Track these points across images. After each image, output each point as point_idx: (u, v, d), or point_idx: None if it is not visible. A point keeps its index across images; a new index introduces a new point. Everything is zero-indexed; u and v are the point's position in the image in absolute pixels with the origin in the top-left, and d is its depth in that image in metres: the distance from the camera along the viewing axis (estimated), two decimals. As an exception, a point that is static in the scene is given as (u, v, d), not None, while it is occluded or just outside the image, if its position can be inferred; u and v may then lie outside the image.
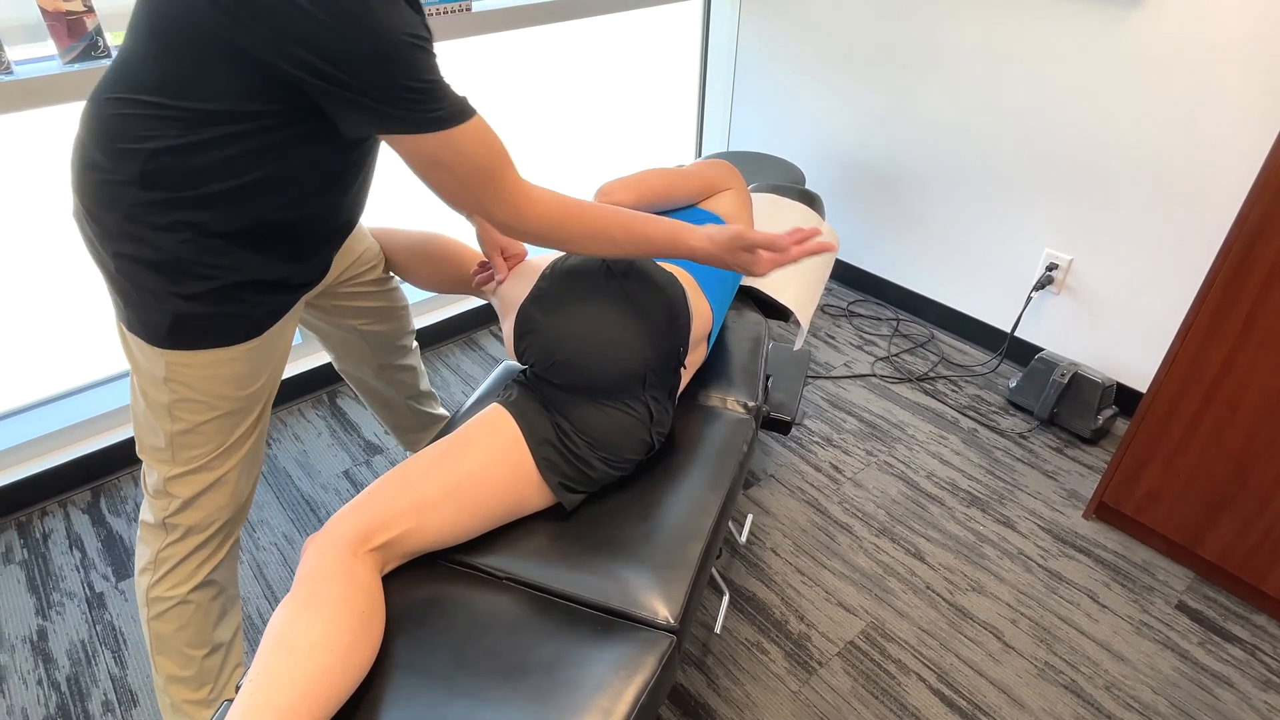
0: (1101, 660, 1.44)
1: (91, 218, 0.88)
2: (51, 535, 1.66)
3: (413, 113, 0.79)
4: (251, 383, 1.00)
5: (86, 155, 0.86)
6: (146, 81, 0.80)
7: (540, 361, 1.06)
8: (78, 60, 1.43)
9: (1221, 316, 1.39)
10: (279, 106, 0.81)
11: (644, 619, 0.94)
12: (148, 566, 1.08)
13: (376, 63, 0.75)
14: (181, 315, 0.90)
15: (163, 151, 0.82)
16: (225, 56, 0.76)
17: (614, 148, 2.76)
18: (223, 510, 1.07)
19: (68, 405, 1.80)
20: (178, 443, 0.99)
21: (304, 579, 0.86)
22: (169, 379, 0.94)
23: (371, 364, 1.47)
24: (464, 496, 0.97)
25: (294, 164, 0.87)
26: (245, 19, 0.73)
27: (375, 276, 1.36)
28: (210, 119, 0.80)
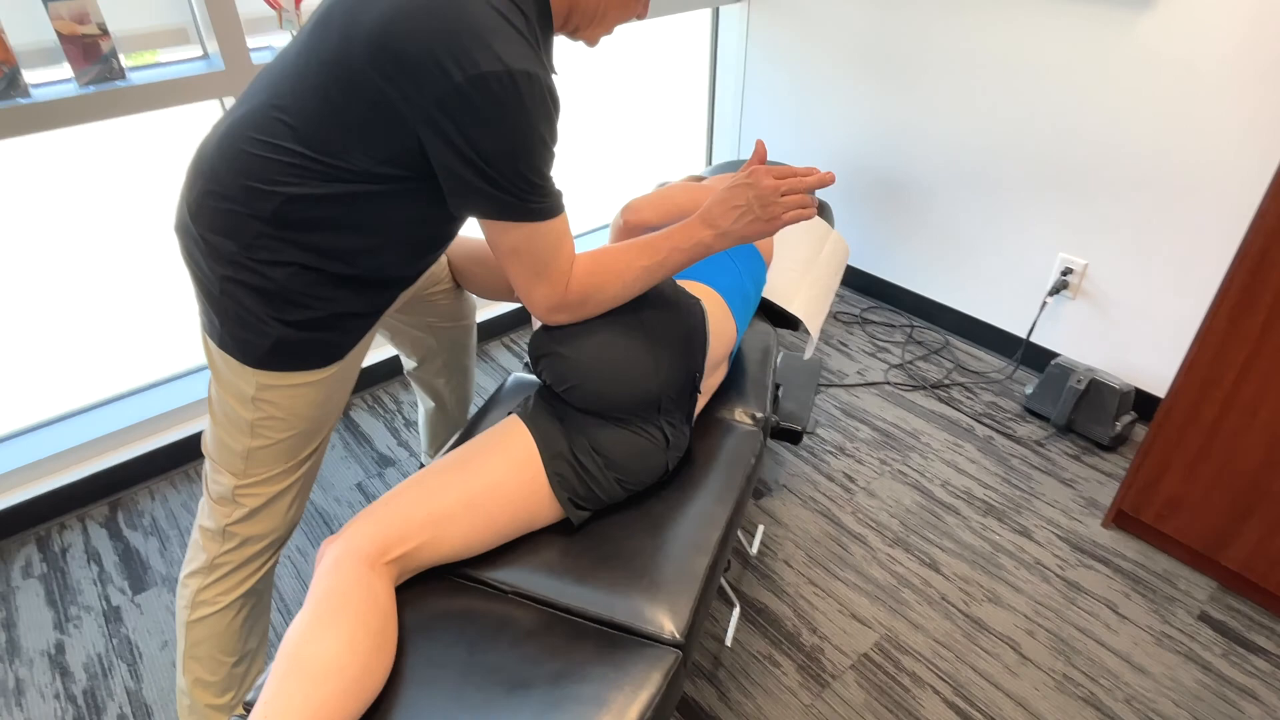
0: (1122, 672, 1.41)
1: (204, 240, 0.91)
2: (70, 549, 1.68)
3: (520, 202, 0.85)
4: (329, 402, 1.04)
5: (213, 183, 0.89)
6: (294, 135, 0.85)
7: (556, 384, 1.06)
8: (93, 83, 1.46)
9: (1239, 321, 1.36)
10: (413, 173, 0.86)
11: (650, 634, 0.93)
12: (200, 569, 1.10)
13: (511, 155, 0.81)
14: (281, 340, 0.94)
15: (298, 198, 0.87)
16: (378, 121, 0.82)
17: (625, 157, 2.77)
18: (282, 522, 1.10)
19: (86, 420, 1.83)
20: (254, 457, 1.02)
21: (321, 595, 0.86)
22: (257, 398, 0.98)
23: (439, 360, 1.53)
24: (480, 509, 0.98)
25: (409, 224, 0.93)
26: (404, 86, 0.79)
27: (446, 287, 1.42)
28: (349, 176, 0.86)
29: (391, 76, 0.79)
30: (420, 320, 1.43)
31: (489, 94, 0.78)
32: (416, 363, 1.54)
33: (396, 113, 0.81)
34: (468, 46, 0.77)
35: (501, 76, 0.78)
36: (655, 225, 1.28)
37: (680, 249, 0.98)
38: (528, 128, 0.81)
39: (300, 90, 0.84)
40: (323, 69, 0.83)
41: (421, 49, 0.77)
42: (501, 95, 0.78)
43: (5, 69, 1.36)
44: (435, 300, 1.41)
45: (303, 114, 0.84)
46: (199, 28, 1.60)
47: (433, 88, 0.78)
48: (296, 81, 0.85)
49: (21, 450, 1.74)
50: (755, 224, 0.97)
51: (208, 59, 1.62)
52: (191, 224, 0.92)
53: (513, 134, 0.80)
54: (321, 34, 0.84)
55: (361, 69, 0.80)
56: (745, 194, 0.96)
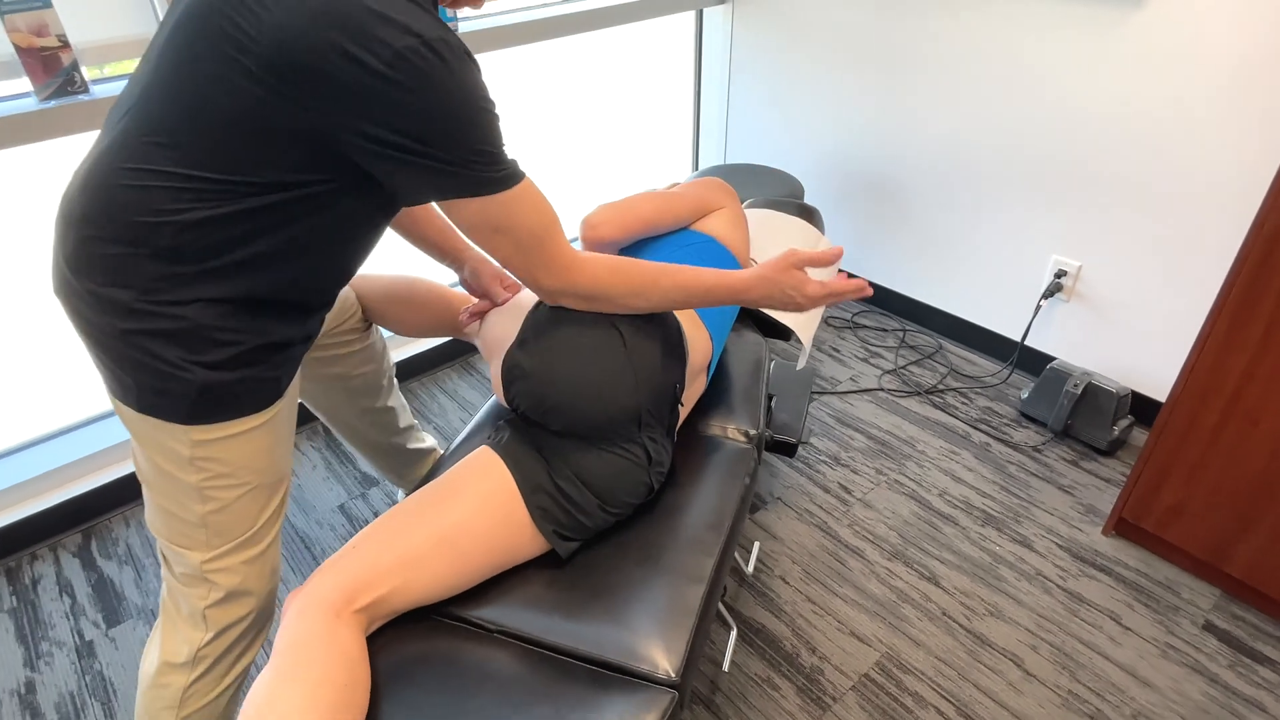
0: (1128, 687, 1.38)
1: (92, 295, 0.80)
2: (41, 581, 1.62)
3: (478, 175, 0.79)
4: (278, 447, 0.95)
5: (90, 229, 0.79)
6: (179, 158, 0.75)
7: (532, 409, 1.01)
8: (54, 97, 1.40)
9: (1240, 326, 1.33)
10: (328, 176, 0.79)
11: (643, 673, 0.89)
12: (185, 664, 0.97)
13: (456, 129, 0.75)
14: (207, 386, 0.83)
15: (195, 224, 0.77)
16: (285, 134, 0.74)
17: (610, 162, 2.73)
18: (266, 587, 1.00)
19: (56, 445, 1.76)
20: (212, 524, 0.91)
21: (284, 648, 0.81)
22: (195, 458, 0.87)
23: (353, 409, 1.44)
24: (453, 548, 0.93)
25: (329, 228, 0.84)
26: (318, 102, 0.72)
27: (354, 326, 1.33)
28: (253, 190, 0.77)
29: (306, 91, 0.71)
30: (324, 373, 1.33)
31: (412, 71, 0.70)
32: (328, 416, 1.45)
33: (311, 126, 0.73)
34: (369, 28, 0.69)
35: (418, 48, 0.70)
36: (619, 241, 1.23)
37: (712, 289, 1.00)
38: (461, 95, 0.74)
39: (178, 111, 0.74)
40: (203, 86, 0.73)
41: (323, 52, 0.69)
42: (425, 69, 0.71)
43: (-40, 85, 1.30)
44: (340, 345, 1.31)
45: (187, 135, 0.74)
46: (165, 38, 1.54)
47: (351, 89, 0.70)
48: (171, 102, 0.75)
49: (-11, 478, 1.68)
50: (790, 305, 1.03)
51: (175, 71, 1.56)
52: (74, 279, 0.81)
53: (448, 106, 0.73)
54: (191, 44, 0.74)
55: (265, 88, 0.71)
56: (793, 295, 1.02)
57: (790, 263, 1.01)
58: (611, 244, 1.25)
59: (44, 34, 1.35)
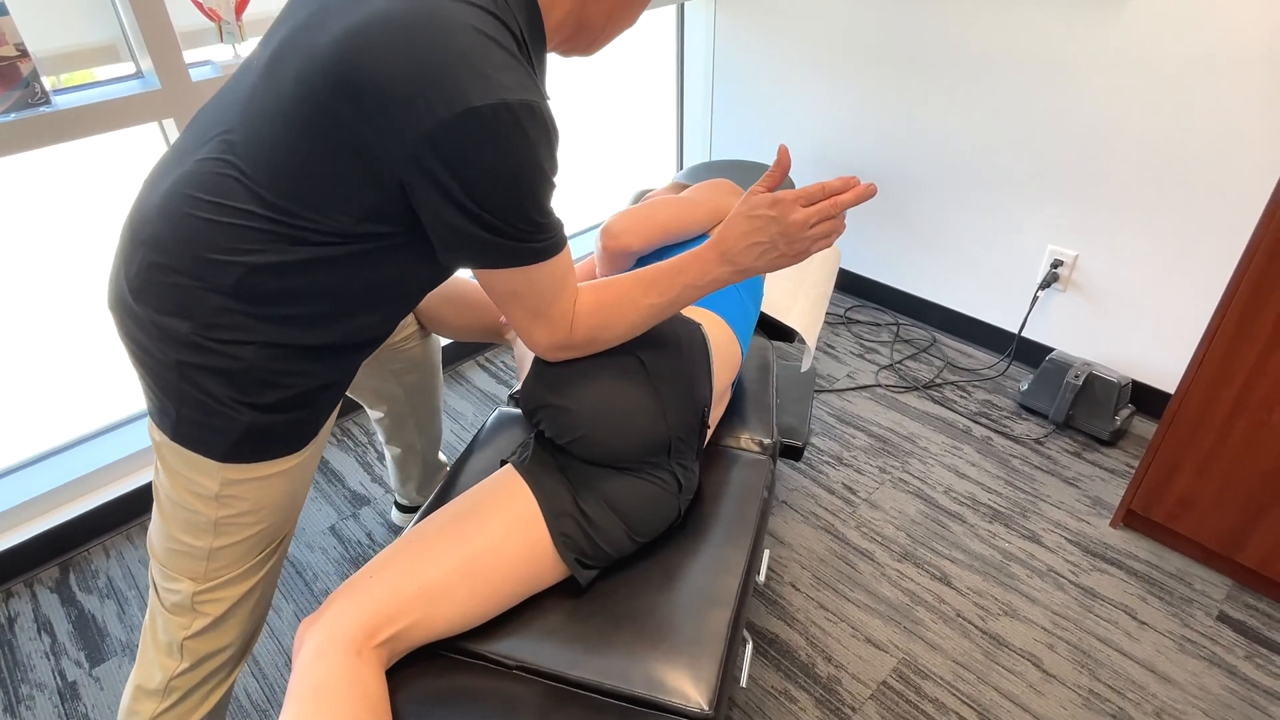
0: (1148, 684, 1.36)
1: (151, 322, 0.78)
2: (18, 619, 1.54)
3: (521, 245, 0.75)
4: (299, 489, 0.92)
5: (160, 255, 0.76)
6: (253, 196, 0.73)
7: (558, 436, 0.95)
8: (14, 109, 1.32)
9: (1251, 317, 1.31)
10: (394, 228, 0.75)
11: (674, 707, 0.84)
12: (156, 692, 0.94)
13: (508, 193, 0.71)
14: (253, 427, 0.81)
15: (263, 267, 0.74)
16: (353, 170, 0.70)
17: (595, 162, 2.67)
18: (243, 632, 0.96)
19: (28, 475, 1.67)
20: (215, 556, 0.88)
21: (304, 693, 0.76)
22: (221, 495, 0.84)
23: (406, 406, 1.43)
24: (478, 577, 0.87)
25: (389, 284, 0.81)
26: (382, 124, 0.67)
27: (410, 333, 1.31)
28: (322, 239, 0.73)
29: (365, 115, 0.67)
30: (383, 370, 1.32)
31: (482, 129, 0.67)
32: (382, 413, 1.43)
33: (374, 156, 0.69)
34: (454, 77, 0.65)
35: (497, 109, 0.66)
36: (639, 250, 1.18)
37: (694, 285, 0.88)
38: (528, 163, 0.70)
39: (256, 141, 0.72)
40: (281, 116, 0.71)
41: (399, 84, 0.65)
42: (497, 129, 0.67)
43: (-90, 99, 1.22)
44: (400, 348, 1.31)
45: (262, 169, 0.72)
46: (130, 43, 1.46)
47: (416, 124, 0.66)
48: (250, 131, 0.73)
49: (-43, 513, 1.59)
50: (780, 259, 0.85)
51: (142, 78, 1.48)
52: (134, 302, 0.78)
53: (511, 172, 0.69)
54: (275, 73, 0.72)
55: (327, 110, 0.68)
56: (769, 229, 0.83)
57: (759, 204, 0.83)
58: (633, 253, 1.20)
59: (1, 43, 1.27)
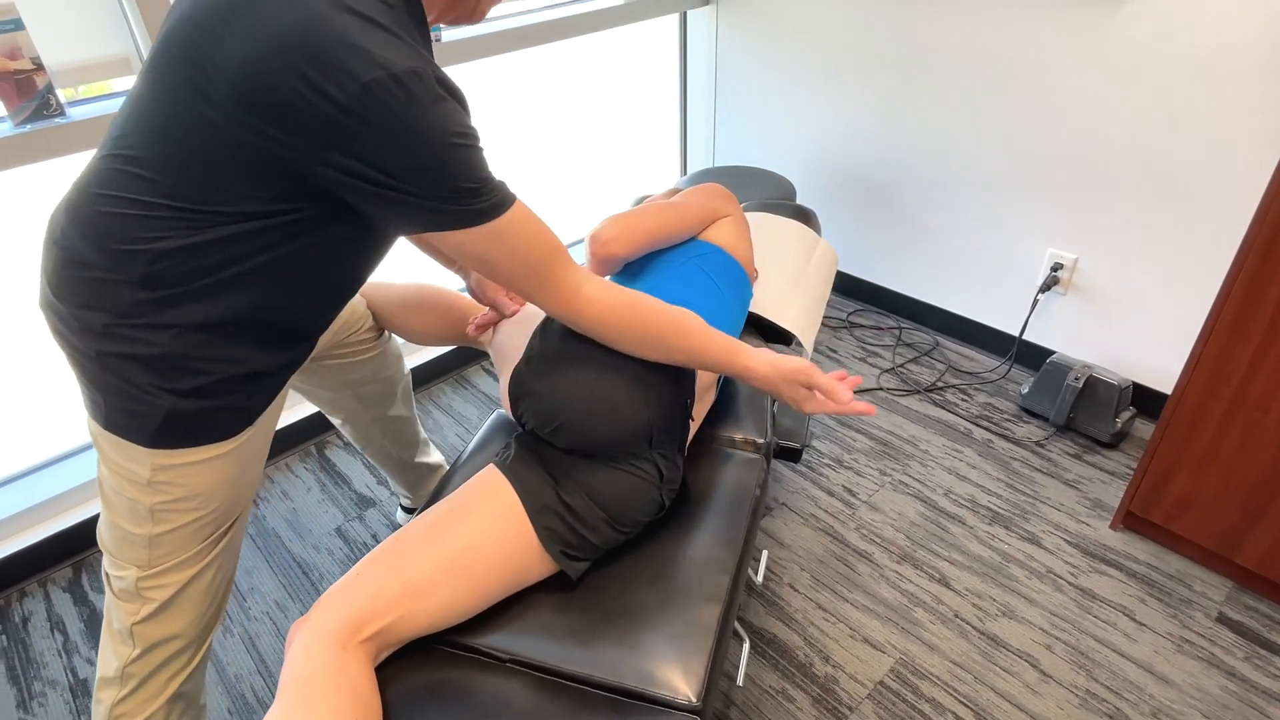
0: (1145, 684, 1.36)
1: (71, 315, 0.81)
2: (32, 618, 1.57)
3: (458, 209, 0.76)
4: (241, 476, 0.93)
5: (71, 252, 0.79)
6: (154, 187, 0.74)
7: (540, 427, 0.98)
8: (30, 120, 1.36)
9: (1246, 316, 1.32)
10: (305, 205, 0.76)
11: (663, 699, 0.86)
12: (113, 679, 0.96)
13: (426, 168, 0.72)
14: (174, 412, 0.82)
15: (171, 251, 0.76)
16: (254, 165, 0.72)
17: (598, 167, 2.70)
18: (198, 614, 0.97)
19: (42, 478, 1.71)
20: (157, 543, 0.90)
21: (290, 684, 0.78)
22: (154, 481, 0.86)
23: (365, 417, 1.42)
24: (461, 574, 0.90)
25: (311, 254, 0.82)
26: (282, 134, 0.69)
27: (366, 335, 1.31)
28: (229, 219, 0.75)
29: (269, 122, 0.69)
30: (337, 382, 1.31)
31: (378, 105, 0.68)
32: (339, 420, 1.43)
33: (282, 158, 0.71)
34: (338, 59, 0.67)
35: (385, 82, 0.67)
36: (628, 256, 1.20)
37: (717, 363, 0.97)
38: (430, 131, 0.71)
39: (153, 138, 0.74)
40: (177, 114, 0.72)
41: (290, 80, 0.67)
42: (391, 103, 0.68)
43: (-70, 112, 1.26)
44: (355, 357, 1.30)
45: (161, 165, 0.74)
46: (141, 55, 1.50)
47: (317, 120, 0.68)
48: (147, 128, 0.74)
49: (-26, 514, 1.63)
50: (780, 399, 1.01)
51: (153, 90, 1.52)
52: (55, 299, 0.81)
53: (415, 142, 0.70)
54: (166, 75, 0.73)
55: (227, 115, 0.70)
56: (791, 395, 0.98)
57: (801, 380, 0.97)
58: (622, 260, 1.23)
59: (17, 57, 1.31)
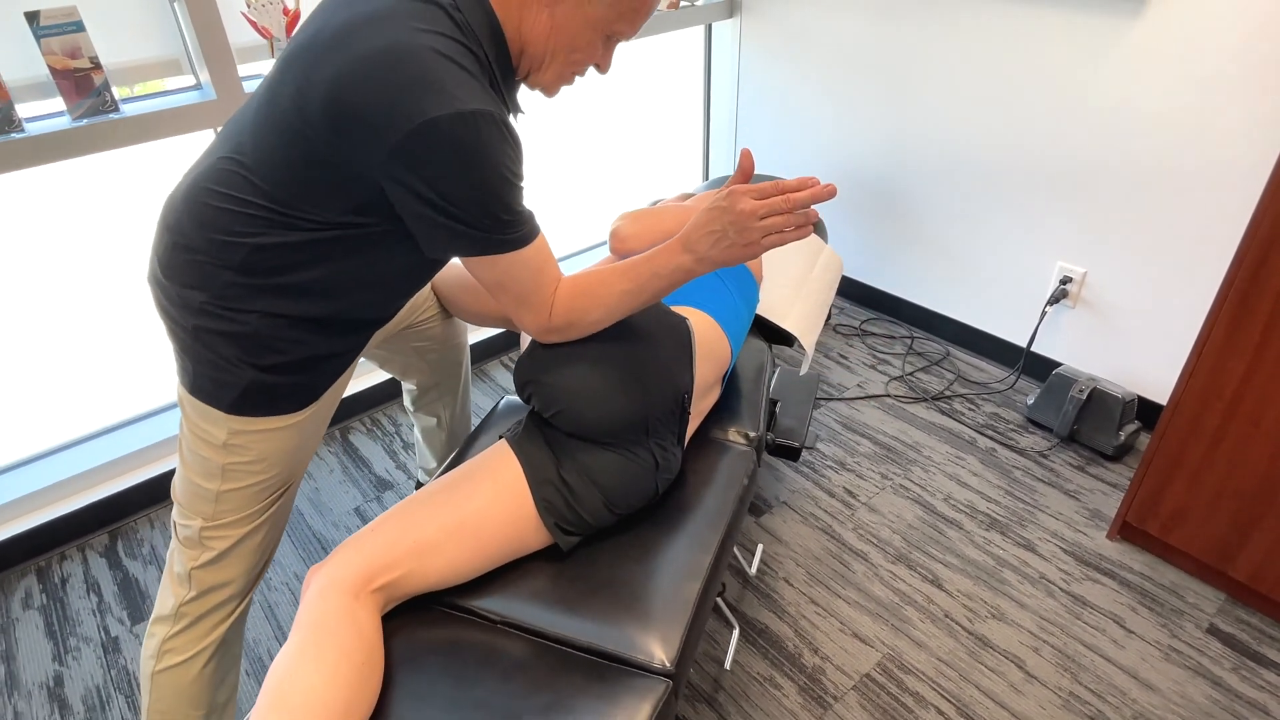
0: (1129, 689, 1.39)
1: (175, 292, 0.91)
2: (69, 580, 1.68)
3: (493, 236, 0.85)
4: (304, 446, 1.04)
5: (180, 237, 0.90)
6: (257, 190, 0.85)
7: (542, 410, 1.05)
8: (86, 116, 1.47)
9: (1238, 328, 1.34)
10: (378, 220, 0.87)
11: (639, 664, 0.92)
12: (167, 617, 1.07)
13: (475, 197, 0.81)
14: (253, 384, 0.93)
15: (266, 247, 0.87)
16: (339, 178, 0.83)
17: (622, 173, 2.78)
18: (246, 569, 1.08)
19: (86, 450, 1.83)
20: (223, 499, 1.01)
21: (305, 625, 0.86)
22: (229, 443, 0.97)
23: (430, 382, 1.53)
24: (465, 536, 0.97)
25: (381, 264, 0.93)
26: (358, 148, 0.79)
27: (433, 314, 1.42)
28: (314, 225, 0.86)
29: (345, 135, 0.79)
30: (407, 346, 1.43)
31: (440, 138, 0.77)
32: (413, 386, 1.54)
33: (355, 169, 0.81)
34: (415, 95, 0.76)
35: (451, 119, 0.77)
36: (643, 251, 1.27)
37: (659, 274, 0.95)
38: (486, 166, 0.80)
39: (259, 145, 0.85)
40: (280, 127, 0.83)
41: (370, 104, 0.77)
42: (452, 137, 0.77)
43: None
44: (422, 327, 1.41)
45: (263, 169, 0.85)
46: (191, 58, 1.61)
47: (385, 140, 0.78)
48: (256, 136, 0.85)
49: (21, 481, 1.74)
50: (732, 249, 0.90)
51: (200, 89, 1.63)
52: (162, 276, 0.92)
53: (471, 175, 0.80)
54: (278, 89, 0.84)
55: (316, 129, 0.80)
56: (721, 218, 0.89)
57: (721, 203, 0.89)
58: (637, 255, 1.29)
59: (77, 56, 1.42)
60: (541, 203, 2.55)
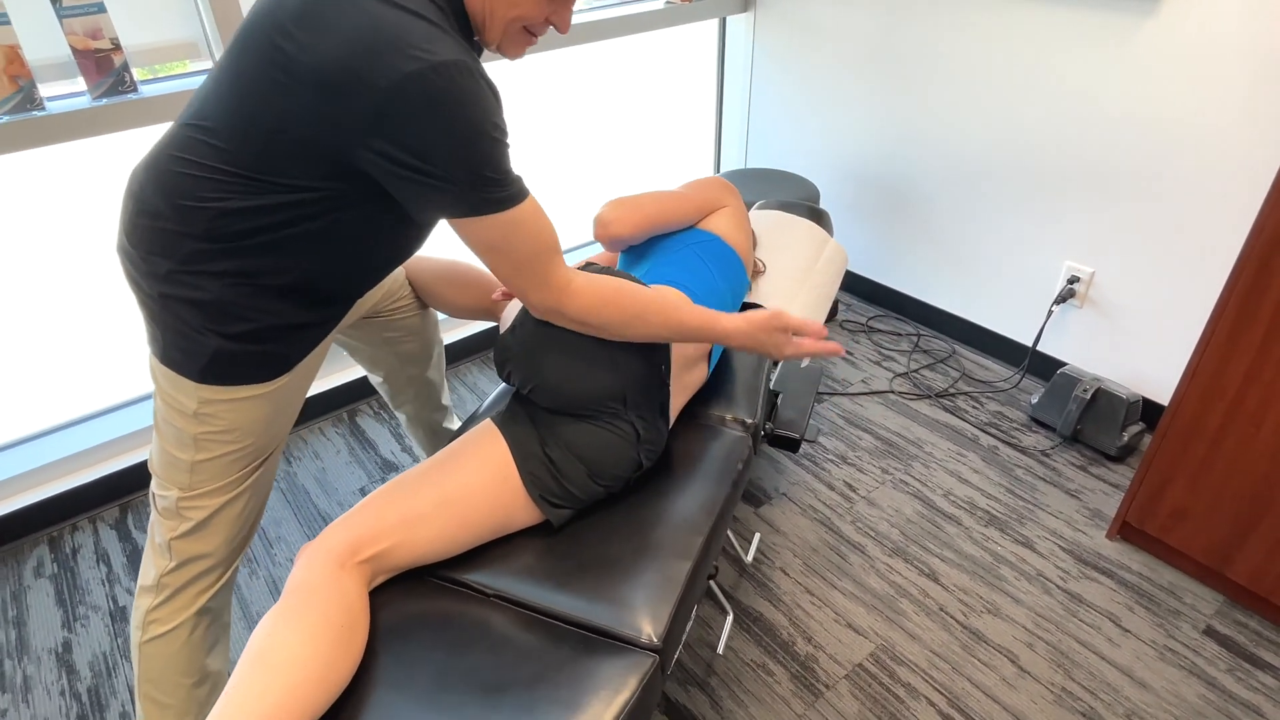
0: (1122, 687, 1.39)
1: (141, 260, 0.92)
2: (80, 550, 1.72)
3: (477, 197, 0.84)
4: (277, 417, 1.03)
5: (145, 204, 0.90)
6: (223, 155, 0.85)
7: (521, 386, 1.08)
8: (106, 95, 1.50)
9: (1241, 329, 1.34)
10: (348, 185, 0.86)
11: (627, 638, 0.94)
12: (149, 587, 1.08)
13: (457, 153, 0.80)
14: (220, 352, 0.93)
15: (231, 212, 0.86)
16: (308, 144, 0.82)
17: (634, 166, 2.79)
18: (226, 541, 1.08)
19: (98, 425, 1.87)
20: (198, 469, 1.01)
21: (290, 590, 0.88)
22: (199, 413, 0.97)
23: (401, 376, 1.53)
24: (452, 510, 0.99)
25: (351, 229, 0.92)
26: (335, 116, 0.79)
27: (406, 302, 1.42)
28: (282, 189, 0.86)
29: (319, 103, 0.79)
30: (378, 336, 1.42)
31: (417, 93, 0.76)
32: (380, 378, 1.54)
33: (330, 138, 0.81)
34: (384, 53, 0.75)
35: (425, 73, 0.76)
36: (630, 237, 1.28)
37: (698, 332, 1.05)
38: (466, 119, 0.79)
39: (225, 113, 0.84)
40: (247, 96, 0.82)
41: (341, 71, 0.76)
42: (430, 91, 0.76)
43: (21, 83, 1.41)
44: (395, 317, 1.40)
45: (227, 134, 0.84)
46: (209, 41, 1.64)
47: (361, 105, 0.77)
48: (220, 104, 0.85)
49: (36, 453, 1.78)
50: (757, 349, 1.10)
51: (217, 72, 1.66)
52: (129, 244, 0.92)
53: (451, 129, 0.78)
54: (241, 59, 0.84)
55: (290, 101, 0.80)
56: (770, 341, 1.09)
57: (775, 325, 1.08)
58: (623, 240, 1.31)
59: (98, 37, 1.45)
60: (552, 195, 2.56)
